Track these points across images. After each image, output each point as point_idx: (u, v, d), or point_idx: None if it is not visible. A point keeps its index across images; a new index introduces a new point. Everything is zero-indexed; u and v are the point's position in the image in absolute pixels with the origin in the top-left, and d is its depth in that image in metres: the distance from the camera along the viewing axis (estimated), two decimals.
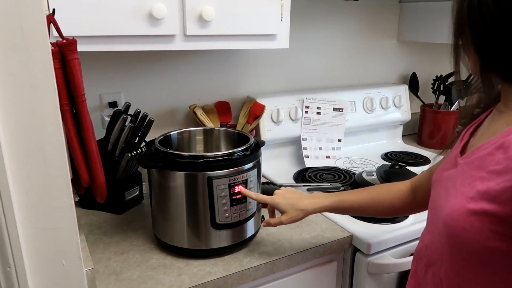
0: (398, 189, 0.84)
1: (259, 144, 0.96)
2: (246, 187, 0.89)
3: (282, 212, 0.86)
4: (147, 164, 0.89)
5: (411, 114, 1.72)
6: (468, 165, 0.57)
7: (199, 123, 1.27)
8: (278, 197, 0.87)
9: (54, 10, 0.74)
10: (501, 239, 0.51)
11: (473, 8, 0.54)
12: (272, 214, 0.91)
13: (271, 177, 1.34)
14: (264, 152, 1.42)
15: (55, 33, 0.73)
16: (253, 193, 0.89)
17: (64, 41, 0.68)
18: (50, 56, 0.49)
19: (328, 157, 1.47)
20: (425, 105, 1.74)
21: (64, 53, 0.67)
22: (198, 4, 0.95)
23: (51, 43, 0.54)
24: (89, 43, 0.88)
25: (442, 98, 1.72)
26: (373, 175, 1.25)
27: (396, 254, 1.01)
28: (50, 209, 0.54)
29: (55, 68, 0.51)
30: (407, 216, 1.07)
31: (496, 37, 0.53)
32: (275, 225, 0.88)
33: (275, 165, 1.43)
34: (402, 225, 1.03)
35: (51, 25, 0.71)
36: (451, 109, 1.67)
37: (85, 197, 1.12)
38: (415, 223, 1.04)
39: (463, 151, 0.64)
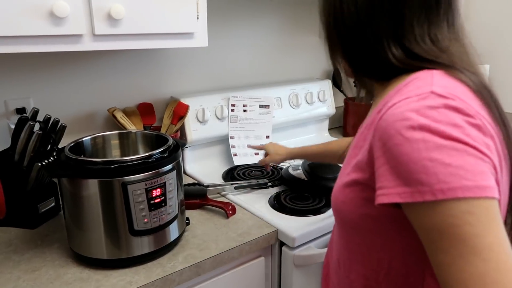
0: (346, 142, 1.06)
1: (178, 145, 0.94)
2: (165, 191, 0.86)
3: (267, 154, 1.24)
4: (55, 173, 0.83)
5: (336, 107, 1.79)
6: (350, 149, 0.62)
7: (120, 126, 1.22)
8: (267, 145, 1.26)
9: None
10: (370, 205, 0.54)
11: (337, 18, 0.59)
12: (265, 163, 1.26)
13: (200, 177, 1.32)
14: (192, 153, 1.40)
15: None
16: (257, 145, 1.32)
17: None
18: None
19: (256, 154, 1.48)
20: (348, 98, 1.82)
21: None
22: (106, 1, 0.91)
23: None
24: None
25: (363, 91, 1.80)
26: (298, 169, 1.28)
27: (320, 244, 1.04)
28: None
29: None
30: (329, 206, 1.11)
31: (357, 44, 0.59)
32: (265, 163, 1.26)
33: (204, 165, 1.41)
34: (324, 216, 1.07)
35: None
36: (372, 101, 1.76)
37: None
38: None
39: None
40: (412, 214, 0.47)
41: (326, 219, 1.05)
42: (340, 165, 0.99)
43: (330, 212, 1.09)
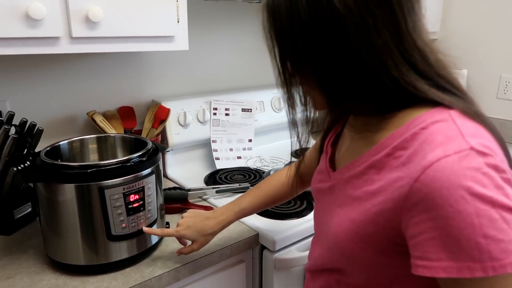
0: (284, 176, 0.89)
1: (158, 148, 0.93)
2: (143, 195, 0.85)
3: (191, 241, 0.85)
4: (30, 177, 0.81)
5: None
6: (345, 182, 0.59)
7: (100, 130, 1.20)
8: (182, 228, 0.85)
9: None
10: (387, 255, 0.53)
11: (314, 46, 0.50)
12: (180, 241, 0.89)
13: (181, 181, 1.31)
14: (173, 157, 1.39)
15: None
16: (158, 230, 0.87)
17: None
18: None
19: (239, 157, 1.48)
20: None
21: None
22: (83, 3, 0.89)
23: None
24: None
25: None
26: None
27: (301, 247, 1.04)
28: None
29: None
30: (311, 210, 1.11)
31: (345, 69, 0.50)
32: (187, 254, 0.87)
33: (185, 169, 1.40)
34: (305, 219, 1.07)
35: None
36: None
37: None
38: None
39: (332, 164, 0.66)
40: (451, 285, 0.45)
41: (307, 223, 1.05)
42: None
43: (310, 216, 1.09)
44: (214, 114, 1.45)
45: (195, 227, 0.85)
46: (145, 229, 0.85)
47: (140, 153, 0.86)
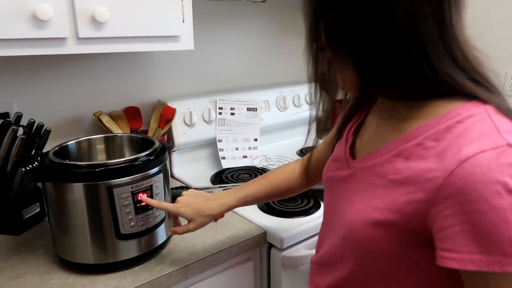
0: (292, 170, 0.88)
1: (165, 148, 0.94)
2: (151, 194, 0.86)
3: (188, 220, 0.83)
4: (39, 177, 0.82)
5: (324, 110, 1.79)
6: (367, 170, 0.58)
7: (106, 131, 1.21)
8: (181, 205, 0.82)
9: None
10: (407, 245, 0.52)
11: (356, 25, 0.49)
12: (176, 220, 0.86)
13: (188, 181, 1.32)
14: (179, 156, 1.40)
15: None
16: (155, 201, 0.83)
17: None
18: None
19: (245, 157, 1.48)
20: (335, 101, 1.83)
21: None
22: (89, 4, 0.90)
23: None
24: None
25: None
26: None
27: (309, 245, 1.04)
28: None
29: None
30: (318, 208, 1.11)
31: (385, 53, 0.49)
32: (181, 233, 0.84)
33: (192, 169, 1.41)
34: (313, 217, 1.07)
35: None
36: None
37: None
38: None
39: (352, 152, 0.65)
40: (477, 279, 0.46)
41: (314, 220, 1.05)
42: None
43: (317, 214, 1.09)
44: (220, 113, 1.45)
45: (195, 206, 0.82)
46: (143, 197, 0.83)
47: (148, 152, 0.87)
